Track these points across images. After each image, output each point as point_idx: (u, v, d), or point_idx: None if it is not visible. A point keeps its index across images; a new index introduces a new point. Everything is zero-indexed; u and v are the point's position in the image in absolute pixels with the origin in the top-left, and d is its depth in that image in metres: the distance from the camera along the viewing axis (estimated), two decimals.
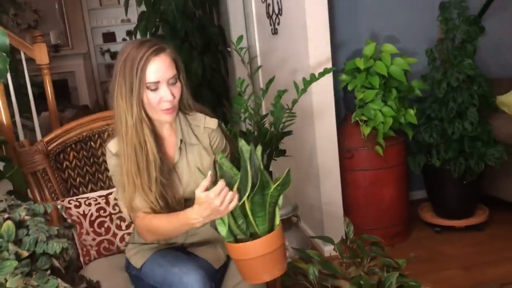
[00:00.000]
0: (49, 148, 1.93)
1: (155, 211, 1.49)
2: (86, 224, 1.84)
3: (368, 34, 2.88)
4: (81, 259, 1.87)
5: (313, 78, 2.05)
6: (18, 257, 1.02)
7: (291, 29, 2.81)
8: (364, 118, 2.66)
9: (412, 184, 3.11)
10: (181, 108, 1.56)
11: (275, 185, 1.30)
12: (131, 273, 1.63)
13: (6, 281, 0.99)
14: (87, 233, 1.84)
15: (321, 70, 2.26)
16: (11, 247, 1.02)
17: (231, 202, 1.29)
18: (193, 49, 4.45)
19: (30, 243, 1.05)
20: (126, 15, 4.75)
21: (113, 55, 7.79)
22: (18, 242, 1.06)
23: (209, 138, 1.60)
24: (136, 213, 1.51)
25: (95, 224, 1.84)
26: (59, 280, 1.06)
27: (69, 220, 1.86)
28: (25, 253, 1.04)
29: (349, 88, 2.67)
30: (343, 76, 2.74)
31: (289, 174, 1.32)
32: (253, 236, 1.34)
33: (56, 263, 1.09)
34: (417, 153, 2.87)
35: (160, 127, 1.55)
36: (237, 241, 1.34)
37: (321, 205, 2.73)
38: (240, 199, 1.30)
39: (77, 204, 1.85)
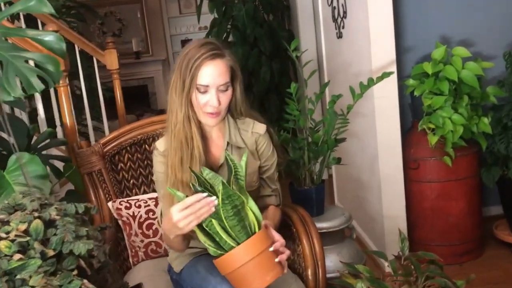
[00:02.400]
0: (105, 150, 1.99)
1: None
2: (135, 225, 1.87)
3: (438, 36, 2.70)
4: (130, 260, 1.90)
5: (371, 83, 1.95)
6: (44, 256, 1.04)
7: (355, 32, 2.71)
8: (432, 126, 2.49)
9: (486, 199, 2.87)
10: (232, 113, 1.58)
11: (220, 199, 1.26)
12: (172, 277, 1.64)
13: (31, 277, 1.01)
14: (136, 235, 1.87)
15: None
16: (37, 245, 1.04)
17: (191, 222, 1.26)
18: (262, 54, 4.46)
19: (56, 242, 1.06)
20: (199, 22, 4.86)
21: None
22: (46, 241, 1.08)
23: (256, 143, 1.60)
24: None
25: (144, 226, 1.87)
26: (85, 281, 1.07)
27: (119, 221, 1.91)
28: (51, 252, 1.05)
29: (416, 93, 2.51)
30: (410, 81, 2.59)
31: (226, 187, 1.25)
32: None
33: (83, 263, 1.10)
34: (492, 165, 2.64)
35: (209, 128, 1.56)
36: None
37: (382, 218, 2.60)
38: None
39: (128, 205, 1.89)
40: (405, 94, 2.64)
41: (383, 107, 2.49)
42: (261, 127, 1.59)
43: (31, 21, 3.06)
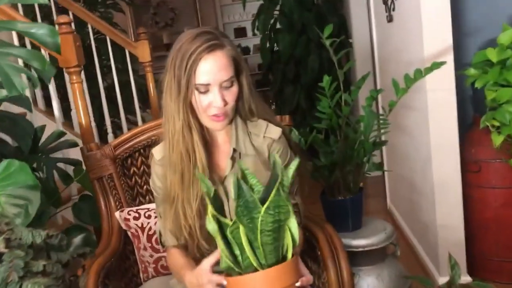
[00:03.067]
0: (116, 153, 1.81)
1: (185, 240, 1.27)
2: (143, 238, 1.68)
3: (505, 17, 2.30)
4: (140, 275, 1.72)
5: (418, 76, 1.63)
6: None
7: (405, 14, 2.37)
8: (496, 123, 2.12)
9: None
10: (241, 114, 1.33)
11: (264, 207, 0.96)
12: None
13: None
14: (145, 249, 1.68)
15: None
16: None
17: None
18: (310, 42, 4.16)
19: None
20: (244, 9, 4.63)
21: (244, 50, 7.81)
22: None
23: (269, 150, 1.34)
24: (165, 242, 1.32)
25: (153, 240, 1.67)
26: None
27: (128, 233, 1.72)
28: None
29: (477, 85, 2.14)
30: (471, 71, 2.22)
31: (279, 194, 0.96)
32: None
33: None
34: None
35: (214, 133, 1.34)
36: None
37: (436, 227, 2.26)
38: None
39: (136, 215, 1.70)
40: (465, 86, 2.27)
41: (437, 101, 2.15)
42: (275, 131, 1.34)
43: (63, 12, 2.94)
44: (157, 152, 1.35)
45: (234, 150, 1.32)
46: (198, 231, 1.25)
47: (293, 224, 1.02)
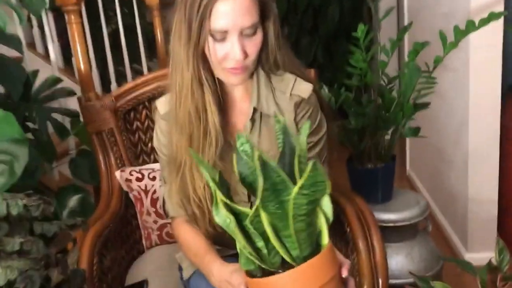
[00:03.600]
0: (118, 105, 1.60)
1: (194, 215, 1.08)
2: (147, 202, 1.49)
3: None
4: (143, 242, 1.54)
5: (471, 27, 1.39)
6: None
7: None
8: None
9: None
10: (264, 67, 1.10)
11: (297, 187, 0.75)
12: (182, 278, 1.25)
13: None
14: (148, 213, 1.50)
15: (486, 15, 1.56)
16: None
17: None
18: None
19: None
20: None
21: None
22: None
23: (296, 111, 1.11)
24: (169, 212, 1.13)
25: (158, 205, 1.49)
26: None
27: (130, 195, 1.54)
28: None
29: None
30: None
31: (316, 168, 0.74)
32: (286, 267, 0.82)
33: None
34: None
35: (230, 87, 1.11)
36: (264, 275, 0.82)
37: (466, 201, 2.06)
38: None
39: (139, 176, 1.50)
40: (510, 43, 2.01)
41: (481, 60, 1.90)
42: (304, 88, 1.11)
43: None
44: (161, 104, 1.14)
45: (255, 109, 1.09)
46: (210, 205, 1.05)
47: (326, 202, 0.81)
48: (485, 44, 1.86)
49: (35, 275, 0.75)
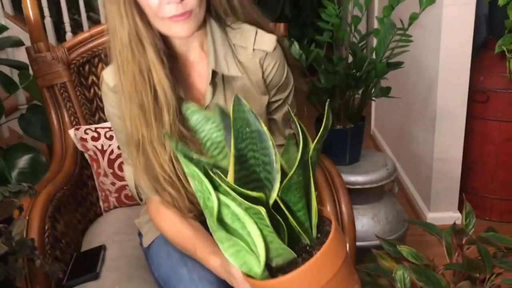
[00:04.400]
0: (71, 57, 1.48)
1: (170, 195, 0.96)
2: (104, 163, 1.40)
3: None
4: (101, 204, 1.46)
5: None
6: None
7: None
8: None
9: None
10: (217, 14, 0.97)
11: (315, 143, 0.69)
12: (141, 245, 1.18)
13: None
14: (105, 175, 1.41)
15: None
16: None
17: None
18: None
19: None
20: None
21: None
22: None
23: (262, 67, 1.00)
24: (143, 196, 1.03)
25: (116, 165, 1.40)
26: None
27: (86, 155, 1.44)
28: None
29: (501, 2, 1.84)
30: None
31: (329, 114, 0.70)
32: (302, 253, 0.74)
33: None
34: None
35: (183, 46, 0.97)
36: (272, 271, 0.72)
37: (431, 160, 2.06)
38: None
39: (95, 135, 1.40)
40: (484, 3, 1.97)
41: (454, 18, 1.85)
42: (268, 40, 0.99)
43: None
44: (109, 75, 0.98)
45: (214, 72, 0.96)
46: (183, 179, 0.94)
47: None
48: (459, 2, 1.81)
49: None
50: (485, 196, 2.15)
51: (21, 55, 1.91)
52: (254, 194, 0.63)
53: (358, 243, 1.29)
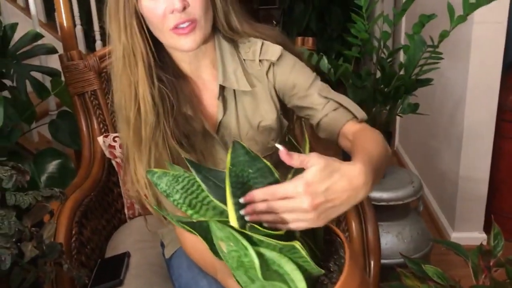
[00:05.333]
0: (102, 65, 1.51)
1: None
2: None
3: None
4: (125, 211, 1.48)
5: (482, 1, 1.31)
6: None
7: None
8: None
9: None
10: (222, 32, 0.96)
11: None
12: (164, 256, 1.19)
13: None
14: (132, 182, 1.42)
15: None
16: None
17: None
18: None
19: None
20: None
21: None
22: None
23: (273, 78, 0.98)
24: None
25: None
26: None
27: (113, 162, 1.46)
28: None
29: None
30: None
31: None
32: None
33: None
34: None
35: (194, 64, 0.96)
36: None
37: (457, 178, 2.03)
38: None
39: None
40: None
41: (484, 35, 1.83)
42: (273, 50, 0.96)
43: None
44: None
45: (223, 87, 0.95)
46: (160, 195, 0.93)
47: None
48: (490, 20, 1.79)
49: (5, 253, 0.68)
50: (511, 217, 2.10)
51: (53, 62, 1.96)
52: (279, 232, 0.63)
53: (382, 261, 1.28)
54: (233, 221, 0.63)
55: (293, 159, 0.64)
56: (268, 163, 0.67)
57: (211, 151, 0.97)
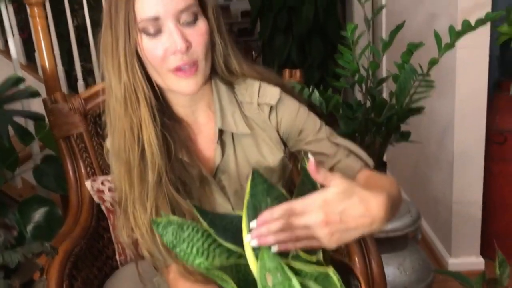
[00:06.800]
0: (88, 107, 1.46)
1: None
2: None
3: None
4: (116, 257, 1.42)
5: (467, 27, 1.32)
6: None
7: None
8: None
9: None
10: (220, 74, 0.93)
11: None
12: None
13: None
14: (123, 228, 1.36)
15: (475, 15, 1.50)
16: None
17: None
18: None
19: None
20: None
21: None
22: None
23: (270, 121, 0.95)
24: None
25: None
26: None
27: (102, 207, 1.41)
28: None
29: None
30: (504, 27, 1.91)
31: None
32: None
33: None
34: None
35: (190, 107, 0.93)
36: None
37: (451, 203, 2.02)
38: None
39: (113, 186, 1.37)
40: (497, 44, 1.97)
41: (468, 60, 1.85)
42: (270, 93, 0.93)
43: None
44: (109, 139, 0.95)
45: (221, 131, 0.92)
46: (160, 245, 0.89)
47: None
48: (473, 45, 1.81)
49: None
50: (507, 239, 2.09)
51: (36, 103, 1.91)
52: (313, 258, 0.63)
53: None
54: (250, 256, 0.62)
55: (318, 173, 0.64)
56: (284, 192, 0.68)
57: (209, 197, 0.93)
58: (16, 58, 1.69)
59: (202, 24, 0.85)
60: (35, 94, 1.46)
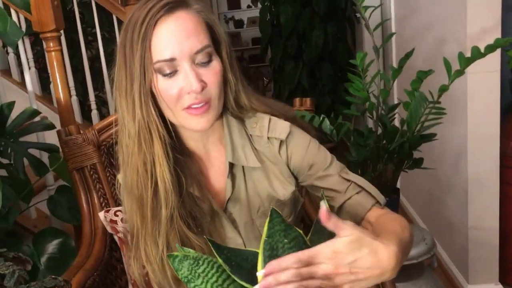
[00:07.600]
0: (101, 139, 1.49)
1: None
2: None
3: None
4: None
5: (477, 54, 1.32)
6: None
7: None
8: None
9: None
10: (230, 110, 0.95)
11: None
12: None
13: None
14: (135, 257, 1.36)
15: (485, 41, 1.50)
16: None
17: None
18: (315, 15, 3.81)
19: None
20: None
21: (238, 23, 7.40)
22: None
23: (287, 157, 0.96)
24: None
25: None
26: None
27: (115, 237, 1.41)
28: None
29: None
30: None
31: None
32: None
33: None
34: None
35: (201, 141, 0.95)
36: None
37: (466, 229, 1.99)
38: None
39: (125, 216, 1.38)
40: (508, 68, 1.97)
41: (479, 85, 1.85)
42: (280, 127, 0.94)
43: None
44: (121, 175, 0.96)
45: (232, 164, 0.93)
46: (172, 282, 0.90)
47: None
48: (484, 70, 1.81)
49: None
50: None
51: (50, 134, 1.94)
52: None
53: None
54: None
55: (329, 221, 0.63)
56: (301, 232, 0.67)
57: (219, 230, 0.94)
58: (32, 91, 1.74)
59: (216, 64, 0.87)
60: (50, 127, 1.49)
